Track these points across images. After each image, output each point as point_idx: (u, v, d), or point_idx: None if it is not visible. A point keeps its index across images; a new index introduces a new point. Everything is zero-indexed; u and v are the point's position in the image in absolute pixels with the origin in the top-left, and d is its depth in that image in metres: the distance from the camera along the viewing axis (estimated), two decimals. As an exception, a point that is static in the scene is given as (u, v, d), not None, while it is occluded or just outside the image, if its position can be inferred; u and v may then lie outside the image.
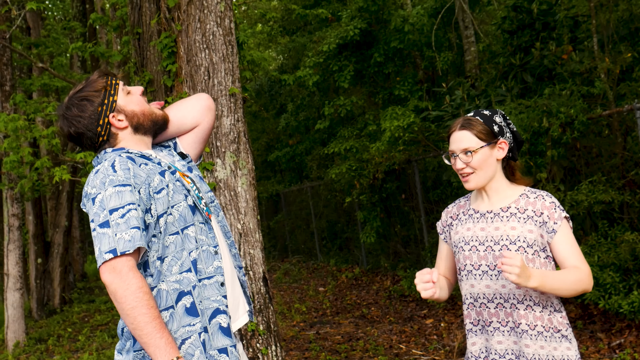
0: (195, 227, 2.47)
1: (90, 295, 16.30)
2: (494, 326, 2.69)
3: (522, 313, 2.62)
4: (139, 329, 2.23)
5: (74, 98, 2.54)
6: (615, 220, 7.24)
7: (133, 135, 2.58)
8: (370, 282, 12.18)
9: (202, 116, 2.76)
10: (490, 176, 2.72)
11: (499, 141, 2.71)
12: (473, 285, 2.74)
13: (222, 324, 2.44)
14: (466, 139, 2.69)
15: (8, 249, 10.77)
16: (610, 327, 6.64)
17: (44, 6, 11.28)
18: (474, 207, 2.82)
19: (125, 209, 2.28)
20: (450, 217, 2.92)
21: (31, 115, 8.46)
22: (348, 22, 12.36)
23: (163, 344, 2.24)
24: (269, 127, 20.43)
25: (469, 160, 2.69)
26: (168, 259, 2.40)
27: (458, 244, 2.80)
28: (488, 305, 2.70)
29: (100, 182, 2.34)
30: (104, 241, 2.26)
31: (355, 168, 11.42)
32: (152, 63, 5.35)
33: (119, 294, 2.22)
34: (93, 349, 9.39)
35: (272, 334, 5.20)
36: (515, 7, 8.58)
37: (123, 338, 2.43)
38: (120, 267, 2.24)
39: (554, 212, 2.62)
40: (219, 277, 2.49)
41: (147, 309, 2.23)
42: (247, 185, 5.17)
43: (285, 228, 19.32)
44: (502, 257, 2.48)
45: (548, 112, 7.04)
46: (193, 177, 2.66)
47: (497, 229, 2.69)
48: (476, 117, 2.73)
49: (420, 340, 7.68)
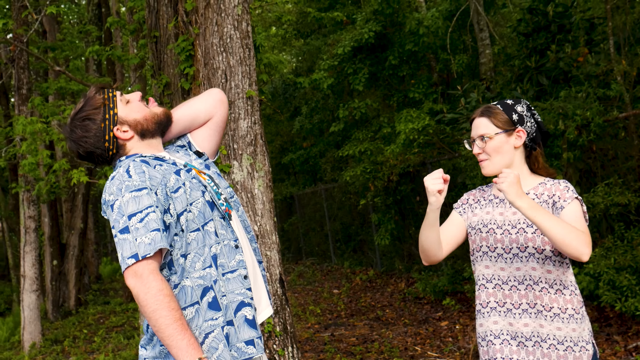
0: (215, 222, 2.50)
1: (105, 297, 16.38)
2: (507, 307, 2.72)
3: (537, 294, 2.67)
4: (161, 331, 2.27)
5: (76, 120, 2.57)
6: (631, 223, 7.22)
7: (141, 142, 2.61)
8: (385, 284, 12.17)
9: (214, 109, 2.79)
10: (507, 164, 2.77)
11: (516, 129, 2.77)
12: (488, 267, 2.79)
13: (248, 316, 2.47)
14: (483, 126, 2.79)
15: (24, 251, 10.85)
16: (626, 330, 6.62)
17: (61, 10, 11.33)
18: (494, 193, 2.89)
19: (144, 213, 2.32)
20: (471, 198, 2.97)
21: (49, 118, 8.52)
22: (363, 25, 12.38)
23: (185, 345, 2.27)
24: (283, 129, 20.46)
25: (483, 146, 2.78)
26: (191, 256, 2.43)
27: (476, 226, 2.85)
28: (503, 287, 2.74)
29: (117, 189, 2.37)
30: (126, 247, 2.30)
31: (370, 170, 11.42)
32: (170, 66, 5.39)
33: (141, 298, 2.27)
34: (109, 350, 9.44)
35: (289, 335, 5.22)
36: (531, 9, 8.57)
37: (148, 333, 2.47)
38: (142, 271, 2.28)
39: (565, 193, 2.66)
40: (241, 270, 2.52)
41: (168, 311, 2.27)
42: (264, 188, 5.20)
43: (300, 230, 19.34)
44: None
45: (564, 114, 7.03)
46: (211, 173, 2.69)
47: (515, 213, 2.74)
48: (497, 105, 2.82)
49: (435, 343, 7.67)
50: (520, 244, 2.69)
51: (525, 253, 2.68)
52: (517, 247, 2.70)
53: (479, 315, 2.82)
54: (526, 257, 2.68)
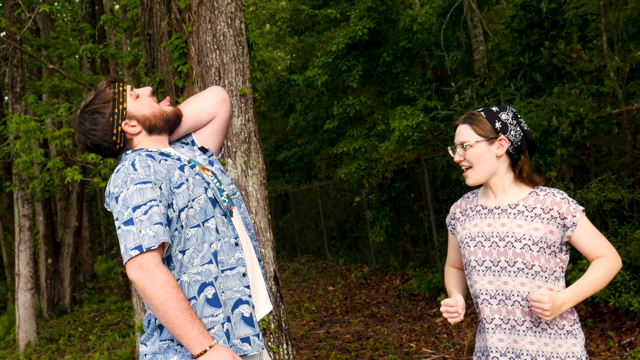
0: (216, 219, 2.51)
1: (100, 295, 16.38)
2: (496, 323, 2.68)
3: (526, 310, 2.62)
4: (170, 322, 2.28)
5: (85, 112, 2.59)
6: (625, 219, 7.24)
7: (148, 137, 2.62)
8: (380, 281, 12.19)
9: (217, 108, 2.80)
10: (491, 172, 2.72)
11: (498, 138, 2.70)
12: (476, 282, 2.74)
13: (245, 313, 2.49)
14: (464, 133, 2.74)
15: (19, 250, 10.84)
16: (620, 325, 6.64)
17: (55, 8, 11.31)
18: (481, 203, 2.83)
19: (148, 206, 2.32)
20: (458, 212, 2.93)
21: (43, 116, 8.51)
22: (357, 22, 12.37)
23: (195, 334, 2.29)
24: (278, 127, 20.45)
25: (464, 154, 2.73)
26: (189, 252, 2.44)
27: (464, 239, 2.80)
28: (490, 301, 2.69)
29: (122, 181, 2.38)
30: (129, 238, 2.30)
31: (364, 167, 11.43)
32: (163, 64, 5.39)
33: (148, 290, 2.26)
34: (104, 349, 9.45)
35: (284, 332, 5.23)
36: (524, 5, 8.58)
37: (149, 329, 2.48)
38: (147, 263, 2.28)
39: (568, 206, 2.62)
40: (240, 268, 2.53)
41: (177, 302, 2.28)
42: (258, 185, 5.20)
43: (294, 228, 19.34)
44: (531, 302, 2.53)
45: (557, 110, 7.04)
46: (214, 170, 2.71)
47: (504, 225, 2.69)
48: (480, 113, 2.75)
49: (430, 339, 7.69)
50: (509, 258, 2.63)
51: (514, 268, 2.63)
52: (505, 261, 2.65)
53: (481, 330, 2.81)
54: (514, 272, 2.63)
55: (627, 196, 6.69)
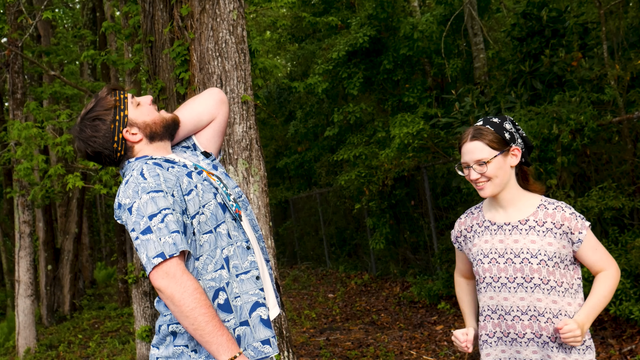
0: (227, 224, 2.51)
1: (100, 301, 16.36)
2: (512, 337, 2.69)
3: (542, 325, 2.63)
4: (200, 329, 2.27)
5: (86, 119, 2.57)
6: (625, 227, 7.24)
7: (150, 145, 2.61)
8: (380, 288, 12.18)
9: (216, 110, 2.80)
10: (505, 183, 2.71)
11: (511, 148, 2.70)
12: (492, 298, 2.74)
13: (263, 316, 2.49)
14: (478, 150, 2.68)
15: (19, 256, 10.83)
16: (621, 334, 6.64)
17: (56, 15, 11.34)
18: (489, 218, 2.81)
19: (162, 214, 2.31)
20: (464, 229, 2.91)
21: (44, 123, 8.52)
22: (357, 30, 12.39)
23: (224, 341, 2.29)
24: (278, 134, 20.46)
25: (483, 171, 2.67)
26: (203, 258, 2.43)
27: (476, 256, 2.79)
28: (505, 317, 2.70)
29: (133, 192, 2.36)
30: (150, 247, 2.28)
31: (365, 175, 11.43)
32: (165, 71, 5.40)
33: (177, 297, 2.25)
34: (104, 355, 9.44)
35: (284, 339, 5.23)
36: (525, 14, 8.60)
37: (161, 334, 2.47)
38: (174, 270, 2.26)
39: (576, 222, 2.64)
40: (254, 271, 2.53)
41: (206, 309, 2.27)
42: (259, 192, 5.21)
43: (294, 235, 19.33)
44: (559, 332, 2.57)
45: (558, 118, 7.05)
46: (219, 174, 2.70)
47: (517, 241, 2.68)
48: (486, 126, 2.71)
49: (430, 347, 7.68)
50: (526, 274, 2.64)
51: (531, 284, 2.64)
52: (521, 277, 2.65)
53: (485, 346, 2.80)
54: (531, 287, 2.64)
55: (627, 204, 6.69)
